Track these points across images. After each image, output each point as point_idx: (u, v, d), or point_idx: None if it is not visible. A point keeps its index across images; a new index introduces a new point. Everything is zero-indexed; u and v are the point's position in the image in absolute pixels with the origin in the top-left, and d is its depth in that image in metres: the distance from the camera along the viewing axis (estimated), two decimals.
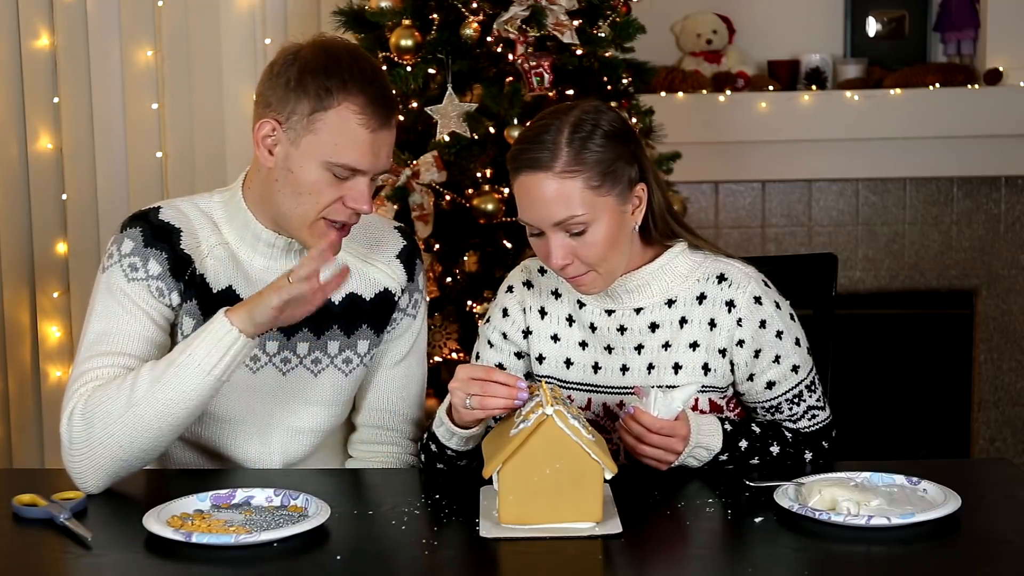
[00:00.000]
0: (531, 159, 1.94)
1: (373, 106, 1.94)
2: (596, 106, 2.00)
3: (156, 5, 3.85)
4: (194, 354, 1.87)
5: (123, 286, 2.00)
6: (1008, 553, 1.65)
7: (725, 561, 1.70)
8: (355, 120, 1.93)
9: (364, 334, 2.12)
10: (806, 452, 2.08)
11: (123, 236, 2.04)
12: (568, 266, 1.97)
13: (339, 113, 1.93)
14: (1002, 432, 4.31)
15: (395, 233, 2.20)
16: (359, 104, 1.93)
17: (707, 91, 4.10)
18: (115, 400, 1.89)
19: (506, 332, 2.16)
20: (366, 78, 1.95)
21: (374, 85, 1.96)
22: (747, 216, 4.24)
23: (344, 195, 1.97)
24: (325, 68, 1.94)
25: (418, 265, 2.20)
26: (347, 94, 1.93)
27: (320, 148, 1.94)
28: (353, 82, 1.93)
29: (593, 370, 2.10)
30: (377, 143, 1.96)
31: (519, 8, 2.95)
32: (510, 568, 1.68)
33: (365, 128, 1.94)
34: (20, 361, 3.96)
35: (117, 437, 1.88)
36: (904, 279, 4.25)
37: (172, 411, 1.88)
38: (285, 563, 1.66)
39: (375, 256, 2.15)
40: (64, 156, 3.88)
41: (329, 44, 2.00)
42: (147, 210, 2.06)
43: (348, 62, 1.96)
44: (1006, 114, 4.02)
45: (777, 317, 2.05)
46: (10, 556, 1.73)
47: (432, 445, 2.02)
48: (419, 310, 2.21)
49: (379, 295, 2.14)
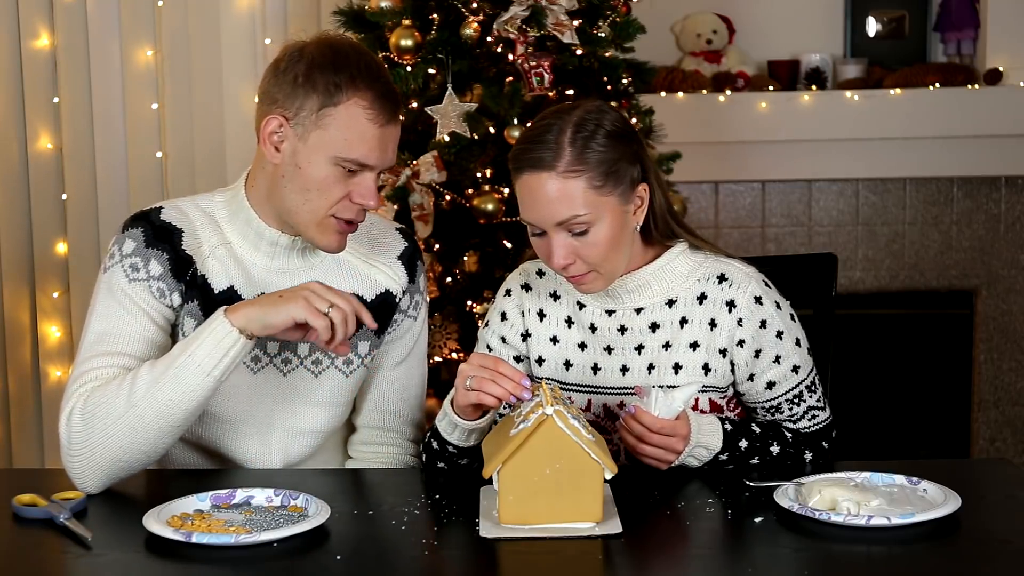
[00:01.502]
0: (534, 159, 1.94)
1: (381, 101, 1.95)
2: (599, 106, 2.00)
3: (156, 5, 3.85)
4: (194, 355, 1.87)
5: (124, 286, 2.00)
6: (1008, 553, 1.65)
7: (725, 561, 1.70)
8: (364, 115, 1.94)
9: (365, 335, 2.12)
10: (806, 452, 2.08)
11: (124, 236, 2.03)
12: (570, 266, 1.97)
13: (348, 108, 1.94)
14: (1002, 432, 4.31)
15: (396, 235, 2.20)
16: (368, 99, 1.94)
17: (707, 91, 4.10)
18: (115, 400, 1.88)
19: (505, 336, 2.16)
20: (373, 74, 1.96)
21: (380, 80, 1.97)
22: (747, 216, 4.24)
23: (351, 191, 1.97)
24: (333, 64, 1.95)
25: (419, 267, 2.20)
26: (356, 89, 1.94)
27: (330, 143, 1.94)
28: (361, 78, 1.94)
29: (592, 371, 2.10)
30: (385, 138, 1.97)
31: (519, 8, 2.95)
32: (510, 568, 1.68)
33: (374, 123, 1.95)
34: (20, 361, 3.96)
35: (117, 437, 1.88)
36: (904, 279, 4.25)
37: (171, 411, 1.88)
38: (285, 563, 1.66)
39: (377, 257, 2.15)
40: (64, 156, 3.88)
41: (335, 41, 2.01)
42: (149, 210, 2.06)
43: (355, 58, 1.97)
44: (1006, 114, 4.02)
45: (778, 317, 2.05)
46: (10, 556, 1.73)
47: (434, 442, 2.02)
48: (420, 312, 2.20)
49: (380, 296, 2.14)
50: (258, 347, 2.06)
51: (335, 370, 2.11)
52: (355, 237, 2.09)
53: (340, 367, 2.12)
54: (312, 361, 2.10)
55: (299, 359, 2.09)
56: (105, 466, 1.90)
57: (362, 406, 2.20)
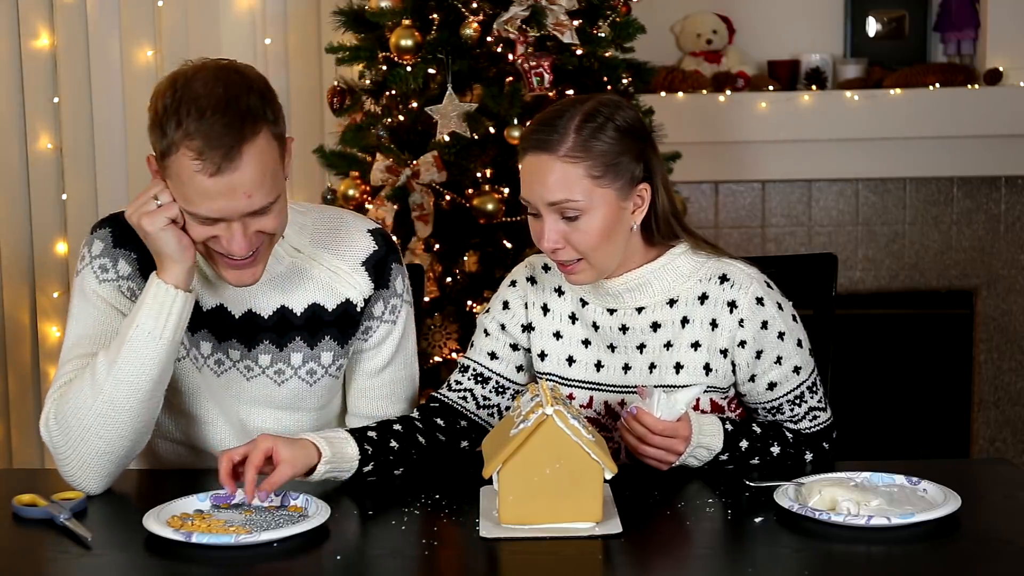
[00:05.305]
0: (539, 140, 1.96)
1: (212, 147, 1.78)
2: (616, 100, 2.02)
3: (156, 5, 3.85)
4: (141, 324, 1.86)
5: (95, 287, 2.00)
6: (1008, 553, 1.65)
7: (725, 561, 1.70)
8: (192, 167, 1.79)
9: (327, 345, 2.08)
10: (807, 453, 2.08)
11: (93, 238, 2.03)
12: (559, 250, 1.98)
13: (178, 160, 1.80)
14: (1002, 432, 4.31)
15: (367, 237, 2.11)
16: (195, 147, 1.78)
17: (707, 91, 4.10)
18: (80, 394, 1.88)
19: (504, 324, 2.16)
20: (203, 112, 1.78)
21: (212, 119, 1.78)
22: (747, 216, 4.24)
23: (218, 236, 1.87)
24: (167, 106, 1.81)
25: (394, 270, 2.12)
26: (184, 135, 1.78)
27: (177, 195, 1.85)
28: (191, 120, 1.78)
29: (596, 368, 2.10)
30: (223, 187, 1.80)
31: (519, 8, 2.95)
32: (510, 568, 1.68)
33: (203, 174, 1.79)
34: (20, 361, 3.96)
35: (94, 429, 1.88)
36: (904, 279, 4.25)
37: (136, 385, 1.87)
38: (285, 563, 1.66)
39: (338, 263, 2.09)
40: (64, 156, 3.88)
41: (185, 72, 1.85)
42: (117, 213, 2.05)
43: (188, 95, 1.80)
44: (1006, 114, 4.01)
45: (779, 318, 2.05)
46: (10, 556, 1.73)
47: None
48: (400, 315, 2.13)
49: (340, 305, 2.09)
50: (221, 352, 2.05)
51: (298, 380, 2.09)
52: (319, 241, 2.07)
53: (303, 377, 2.09)
54: (274, 372, 2.08)
55: (261, 368, 2.07)
56: (93, 462, 1.90)
57: (357, 413, 2.17)
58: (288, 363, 2.07)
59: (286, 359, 2.07)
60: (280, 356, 2.07)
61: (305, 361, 2.08)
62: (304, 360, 2.08)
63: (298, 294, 2.07)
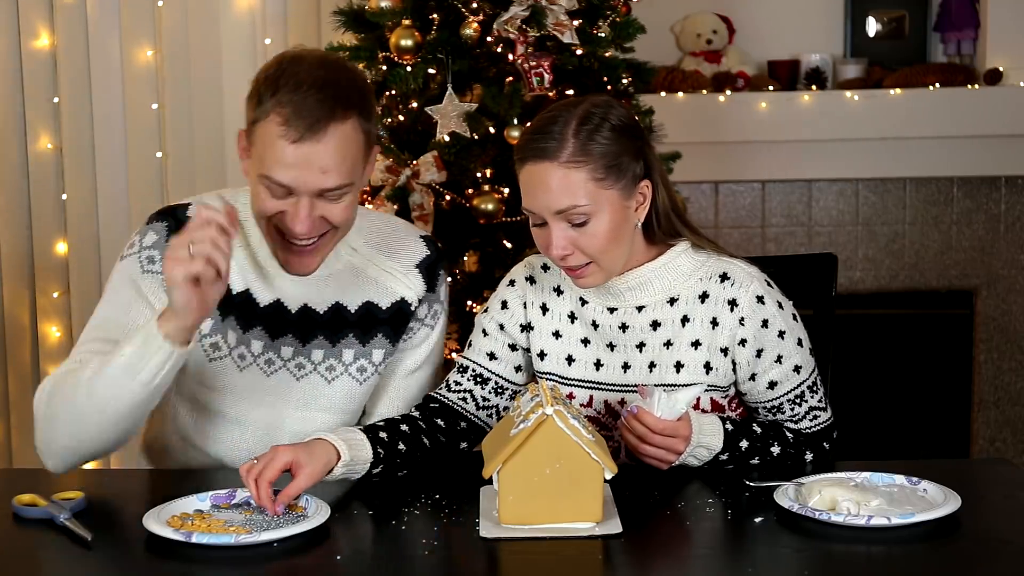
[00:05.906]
0: (538, 148, 1.95)
1: (298, 116, 1.84)
2: (606, 100, 2.01)
3: (156, 5, 3.85)
4: (124, 354, 1.83)
5: (136, 276, 2.00)
6: (1008, 553, 1.65)
7: (725, 561, 1.70)
8: (277, 132, 1.85)
9: (380, 343, 2.12)
10: (807, 453, 2.08)
11: (148, 228, 2.04)
12: (568, 256, 1.97)
13: (266, 124, 1.87)
14: (1002, 432, 4.31)
15: (420, 242, 2.18)
16: (284, 115, 1.85)
17: (707, 91, 4.10)
18: (66, 385, 1.88)
19: (503, 323, 2.16)
20: (298, 86, 1.85)
21: (304, 93, 1.85)
22: (747, 216, 4.24)
23: (284, 212, 1.91)
24: (267, 76, 1.89)
25: (440, 276, 2.18)
26: (276, 103, 1.86)
27: (257, 159, 1.90)
28: (285, 90, 1.85)
29: (595, 367, 2.10)
30: (300, 157, 1.86)
31: (519, 8, 2.95)
32: (510, 568, 1.68)
33: (284, 139, 1.85)
34: (20, 361, 3.96)
35: (62, 421, 1.88)
36: (904, 279, 4.25)
37: (106, 408, 1.84)
38: (285, 563, 1.66)
39: (393, 264, 2.13)
40: (64, 156, 3.88)
41: (293, 53, 1.94)
42: (176, 206, 2.06)
43: (291, 70, 1.88)
44: (1006, 114, 4.01)
45: (780, 317, 2.05)
46: (10, 556, 1.73)
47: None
48: (438, 321, 2.19)
49: (395, 304, 2.13)
50: (272, 351, 2.05)
51: (348, 377, 2.11)
52: (374, 243, 2.09)
53: (354, 375, 2.11)
54: (326, 368, 2.09)
55: (313, 365, 2.09)
56: (57, 448, 1.91)
57: (373, 412, 2.18)
58: (340, 359, 2.09)
59: (338, 355, 2.09)
60: (332, 352, 2.08)
61: (356, 358, 2.10)
62: (355, 357, 2.10)
63: (353, 292, 2.09)
